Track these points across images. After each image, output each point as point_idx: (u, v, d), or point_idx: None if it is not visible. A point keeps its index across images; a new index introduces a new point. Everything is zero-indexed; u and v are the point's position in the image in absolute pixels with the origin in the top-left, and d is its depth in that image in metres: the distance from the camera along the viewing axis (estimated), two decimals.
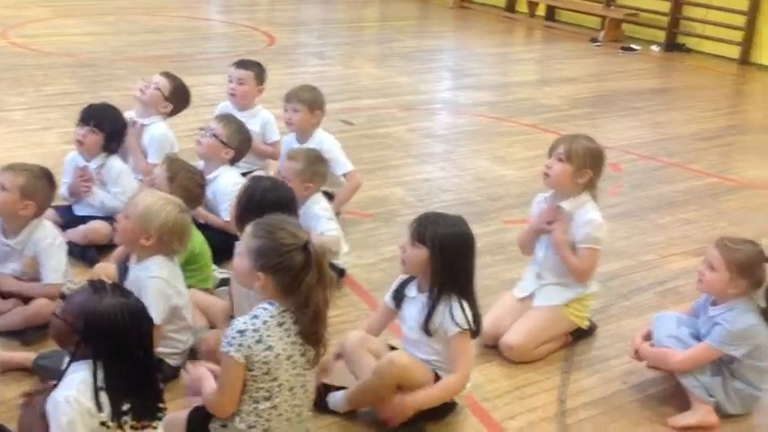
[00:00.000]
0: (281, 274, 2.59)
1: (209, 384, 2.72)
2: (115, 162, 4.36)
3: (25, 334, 3.38)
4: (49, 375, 3.09)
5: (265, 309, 2.62)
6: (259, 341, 2.56)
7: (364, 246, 4.60)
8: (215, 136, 4.26)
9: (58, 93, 6.81)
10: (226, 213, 4.06)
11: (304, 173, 3.94)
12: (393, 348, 3.21)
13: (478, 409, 3.23)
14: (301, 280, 2.57)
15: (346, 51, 9.65)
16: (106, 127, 4.28)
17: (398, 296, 3.16)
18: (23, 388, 2.95)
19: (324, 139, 4.74)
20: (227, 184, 4.15)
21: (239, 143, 4.31)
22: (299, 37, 10.18)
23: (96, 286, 2.53)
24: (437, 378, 3.04)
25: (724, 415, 3.22)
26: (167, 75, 4.81)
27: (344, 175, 4.74)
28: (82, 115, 4.31)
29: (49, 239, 3.47)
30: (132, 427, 2.41)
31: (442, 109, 7.61)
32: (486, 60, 9.63)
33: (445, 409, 3.10)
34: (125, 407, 2.40)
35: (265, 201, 3.31)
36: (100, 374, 2.38)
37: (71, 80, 7.26)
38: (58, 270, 3.50)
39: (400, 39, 10.44)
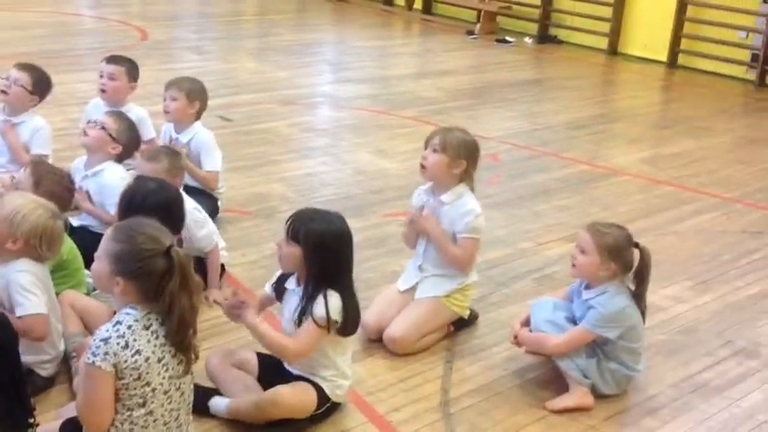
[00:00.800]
0: (142, 280, 2.49)
1: None
2: None
3: None
4: None
5: (128, 313, 2.51)
6: (126, 346, 2.45)
7: (245, 243, 4.54)
8: (104, 128, 4.08)
9: None
10: (113, 208, 3.91)
11: (170, 171, 3.83)
12: (260, 355, 3.17)
13: (363, 404, 3.24)
14: (164, 286, 2.48)
15: (224, 46, 9.49)
16: None
17: (279, 288, 3.14)
18: None
19: (199, 132, 4.67)
20: (113, 179, 3.97)
21: (128, 140, 4.14)
22: (174, 32, 9.94)
23: None
24: (320, 393, 3.03)
25: (600, 395, 3.33)
26: (24, 67, 4.64)
27: (209, 171, 4.65)
28: None
29: None
30: None
31: (322, 103, 7.58)
32: (365, 54, 9.66)
33: (329, 410, 3.09)
34: None
35: (147, 203, 3.21)
36: None
37: None
38: None
39: (279, 32, 10.36)
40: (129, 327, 2.49)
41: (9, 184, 3.96)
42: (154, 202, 3.25)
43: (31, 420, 2.39)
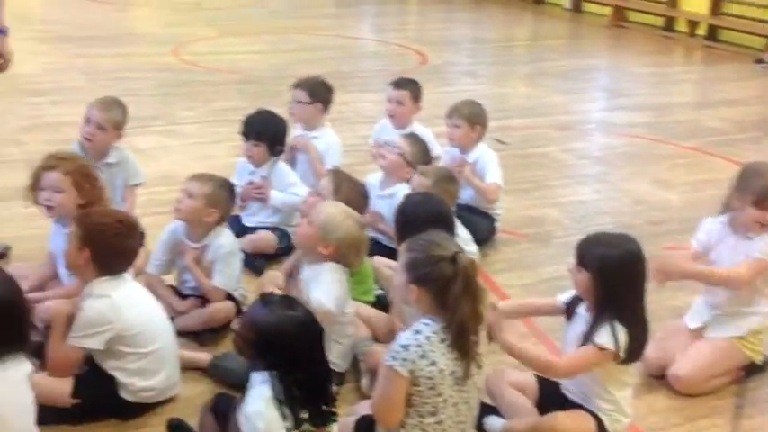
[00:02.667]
0: (431, 285, 2.62)
1: None
2: (281, 166, 4.53)
3: (202, 335, 3.57)
4: (223, 376, 3.26)
5: (427, 324, 2.64)
6: (423, 356, 2.58)
7: (521, 266, 4.57)
8: (401, 154, 4.30)
9: (225, 108, 7.12)
10: None
11: (432, 189, 3.94)
12: (540, 379, 3.15)
13: None
14: (449, 291, 2.59)
15: (497, 71, 9.65)
16: (265, 136, 4.44)
17: (571, 308, 3.09)
18: (200, 387, 3.10)
19: (484, 152, 4.79)
20: None
21: (422, 164, 4.30)
22: (450, 56, 10.24)
23: (265, 300, 2.65)
24: (599, 424, 2.96)
25: None
26: (298, 84, 4.93)
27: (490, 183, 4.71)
28: (242, 130, 4.49)
29: (228, 247, 3.66)
30: None
31: (597, 130, 7.46)
32: (642, 80, 9.38)
33: None
34: (304, 415, 2.49)
35: (418, 215, 3.36)
36: (278, 386, 2.48)
37: (237, 96, 7.58)
38: (229, 277, 3.67)
39: (553, 58, 10.33)
40: (428, 337, 2.61)
41: (312, 201, 4.27)
42: (424, 212, 3.39)
43: (334, 410, 2.59)
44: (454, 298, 2.58)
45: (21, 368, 2.50)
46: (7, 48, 4.13)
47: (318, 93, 4.91)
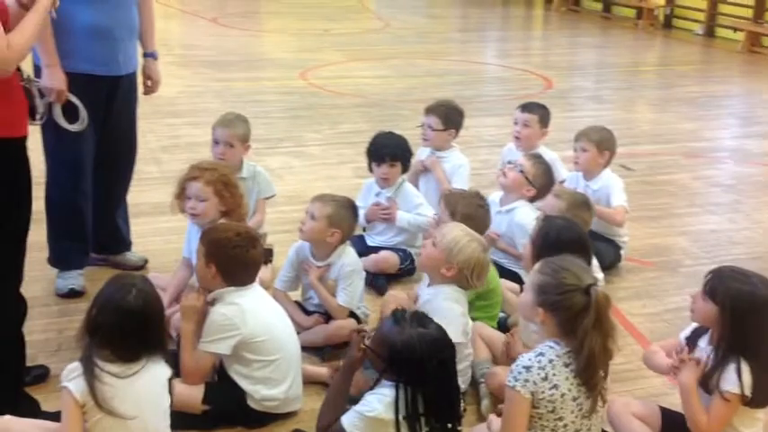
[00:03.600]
0: (560, 313, 2.60)
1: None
2: (407, 186, 4.61)
3: (324, 351, 3.66)
4: None
5: (551, 347, 2.63)
6: (545, 378, 2.57)
7: (646, 294, 4.46)
8: (522, 172, 4.32)
9: (350, 131, 7.30)
10: (521, 245, 4.07)
11: (565, 213, 3.89)
12: (664, 410, 3.07)
13: None
14: (579, 322, 2.56)
15: (624, 96, 9.47)
16: (400, 156, 4.55)
17: (692, 341, 3.01)
18: (322, 400, 3.18)
19: (609, 178, 4.72)
20: (525, 218, 4.15)
21: (542, 185, 4.30)
22: (576, 81, 10.14)
23: (397, 316, 2.71)
24: None
25: None
26: (430, 110, 4.97)
27: (617, 205, 4.64)
28: (375, 154, 4.56)
29: (351, 266, 3.74)
30: None
31: (729, 157, 7.20)
32: None
33: None
34: (421, 430, 2.51)
35: (561, 240, 3.31)
36: (401, 398, 2.52)
37: (362, 119, 7.75)
38: (352, 295, 3.74)
39: (683, 84, 10.05)
40: (551, 361, 2.60)
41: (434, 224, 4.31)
42: (567, 237, 3.35)
43: (459, 429, 2.61)
44: (584, 331, 2.56)
45: (162, 373, 2.64)
46: (157, 72, 4.34)
47: (452, 119, 4.98)
